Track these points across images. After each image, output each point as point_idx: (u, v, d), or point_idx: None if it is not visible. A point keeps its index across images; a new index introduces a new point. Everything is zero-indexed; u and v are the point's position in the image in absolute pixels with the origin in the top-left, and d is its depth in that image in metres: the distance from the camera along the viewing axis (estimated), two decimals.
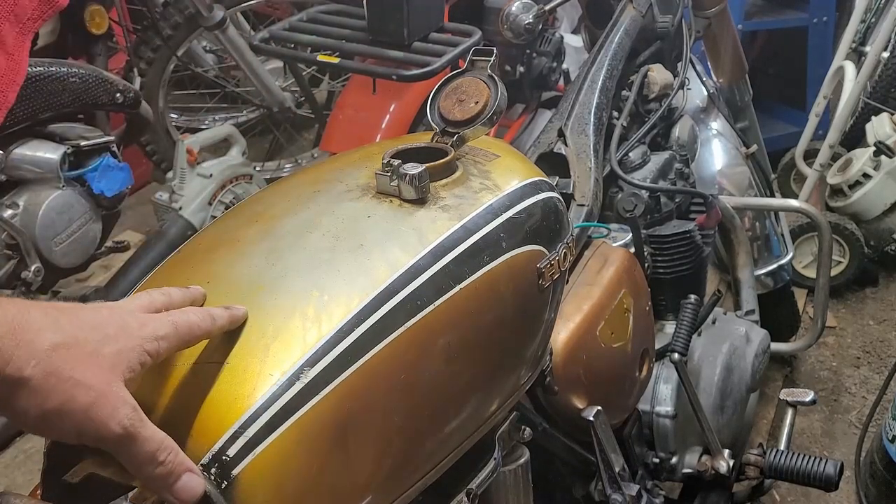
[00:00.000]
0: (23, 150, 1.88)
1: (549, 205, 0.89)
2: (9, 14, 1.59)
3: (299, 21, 1.67)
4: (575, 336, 1.06)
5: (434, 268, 0.75)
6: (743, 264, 1.76)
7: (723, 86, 2.14)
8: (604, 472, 1.11)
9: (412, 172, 0.79)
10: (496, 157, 0.91)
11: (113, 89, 1.95)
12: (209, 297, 0.71)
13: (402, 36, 1.55)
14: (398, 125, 1.98)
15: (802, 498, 1.96)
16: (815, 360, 2.43)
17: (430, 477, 0.78)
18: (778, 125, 3.20)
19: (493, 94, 0.89)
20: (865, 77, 2.60)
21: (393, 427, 0.72)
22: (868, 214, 2.61)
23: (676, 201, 1.47)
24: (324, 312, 0.68)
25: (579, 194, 1.28)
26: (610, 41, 1.50)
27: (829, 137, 2.66)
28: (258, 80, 2.77)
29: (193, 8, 2.49)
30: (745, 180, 2.08)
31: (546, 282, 0.86)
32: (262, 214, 0.81)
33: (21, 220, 1.90)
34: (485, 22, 1.86)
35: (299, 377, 0.65)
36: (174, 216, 2.35)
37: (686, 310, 1.32)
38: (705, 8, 1.86)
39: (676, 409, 1.32)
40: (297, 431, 0.64)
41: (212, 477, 0.61)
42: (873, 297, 2.69)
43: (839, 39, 2.86)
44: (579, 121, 1.37)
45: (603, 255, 1.19)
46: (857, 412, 2.24)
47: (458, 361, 0.76)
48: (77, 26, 2.18)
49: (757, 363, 1.53)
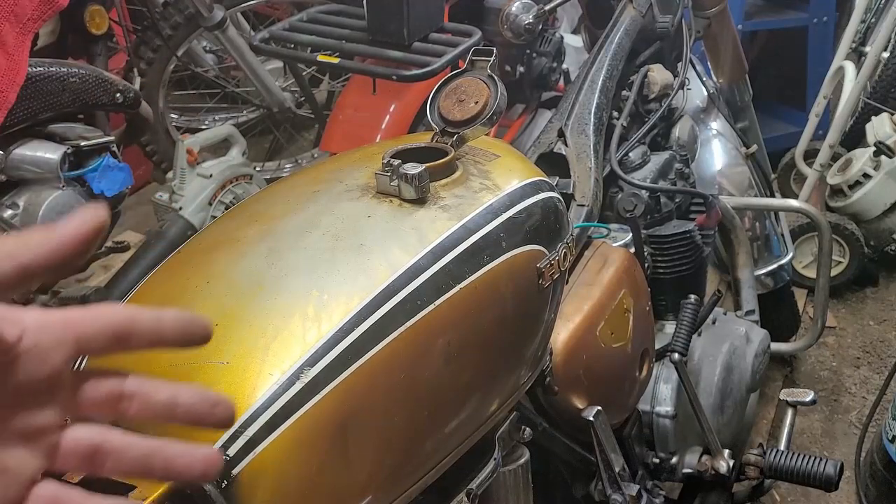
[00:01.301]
0: (23, 150, 1.88)
1: (549, 205, 0.89)
2: (9, 14, 1.59)
3: (299, 21, 1.67)
4: (575, 336, 1.06)
5: (434, 267, 0.75)
6: (743, 264, 1.76)
7: (723, 86, 2.14)
8: (604, 472, 1.11)
9: (412, 172, 0.79)
10: (496, 157, 0.92)
11: (113, 89, 1.95)
12: (209, 297, 0.71)
13: (402, 36, 1.55)
14: (398, 125, 1.98)
15: (802, 498, 1.96)
16: (815, 360, 2.43)
17: (430, 477, 0.78)
18: (778, 125, 3.20)
19: (493, 94, 0.90)
20: (865, 77, 2.60)
21: (393, 427, 0.72)
22: (868, 214, 2.61)
23: (676, 201, 1.47)
24: (324, 312, 0.69)
25: (579, 194, 1.28)
26: (610, 41, 1.50)
27: (829, 137, 2.66)
28: (258, 80, 2.77)
29: (193, 8, 2.49)
30: (745, 180, 2.08)
31: (546, 282, 0.86)
32: (262, 214, 0.81)
33: (21, 220, 1.90)
34: (485, 22, 1.86)
35: (299, 377, 0.65)
36: (174, 216, 2.35)
37: (686, 310, 1.32)
38: (705, 8, 1.86)
39: (676, 409, 1.32)
40: (297, 431, 0.64)
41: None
42: (873, 297, 2.69)
43: (839, 39, 2.86)
44: (579, 121, 1.37)
45: (603, 255, 1.19)
46: (857, 412, 2.24)
47: (458, 361, 0.76)
48: (77, 26, 2.18)
49: (757, 363, 1.53)
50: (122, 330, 0.46)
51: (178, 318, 0.48)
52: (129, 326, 0.46)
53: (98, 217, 0.45)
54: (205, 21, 2.50)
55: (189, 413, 0.48)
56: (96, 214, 0.45)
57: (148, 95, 2.53)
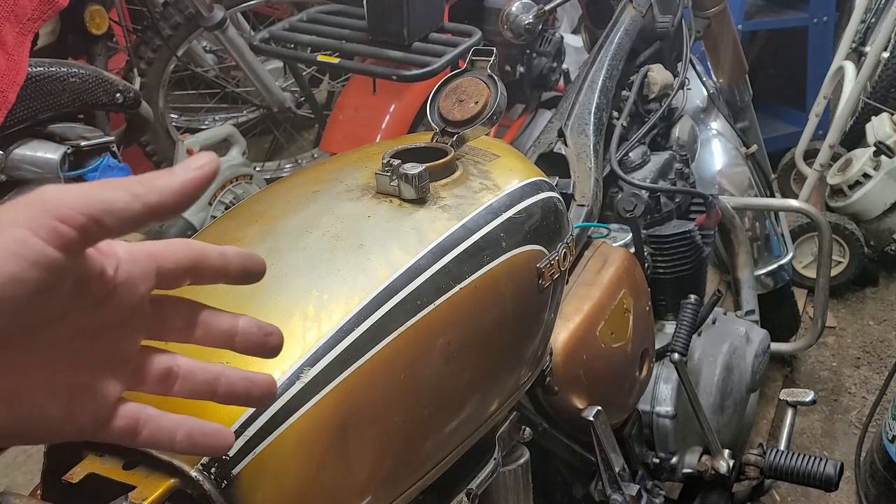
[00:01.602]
0: (23, 150, 1.88)
1: (549, 205, 0.89)
2: (9, 14, 1.59)
3: (299, 21, 1.67)
4: (575, 336, 1.06)
5: (434, 267, 0.75)
6: (743, 264, 1.76)
7: (723, 86, 2.14)
8: (604, 472, 1.11)
9: (412, 172, 0.79)
10: (496, 157, 0.91)
11: (113, 89, 1.95)
12: (209, 297, 0.71)
13: (402, 36, 1.55)
14: (398, 125, 1.98)
15: (802, 498, 1.96)
16: (815, 360, 2.43)
17: (430, 477, 0.78)
18: (778, 125, 3.20)
19: (493, 94, 0.90)
20: (865, 77, 2.60)
21: (393, 427, 0.72)
22: (868, 214, 2.61)
23: (676, 201, 1.47)
24: (324, 312, 0.69)
25: (579, 194, 1.28)
26: (610, 41, 1.50)
27: (829, 137, 2.66)
28: (258, 80, 2.77)
29: (193, 8, 2.49)
30: (745, 180, 2.08)
31: (546, 282, 0.86)
32: (262, 214, 0.81)
33: None
34: (485, 22, 1.86)
35: (299, 377, 0.65)
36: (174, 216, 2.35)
37: (686, 310, 1.32)
38: (705, 8, 1.86)
39: (676, 409, 1.32)
40: (297, 431, 0.64)
41: (212, 476, 0.61)
42: (873, 297, 2.69)
43: (839, 39, 2.86)
44: (579, 121, 1.37)
45: (603, 255, 1.19)
46: (857, 412, 2.24)
47: (458, 361, 0.76)
48: (77, 26, 2.18)
49: (757, 363, 1.53)
50: (195, 263, 0.50)
51: (239, 254, 0.52)
52: (201, 260, 0.50)
53: (213, 162, 0.48)
54: (205, 21, 2.50)
55: (246, 341, 0.52)
56: (211, 159, 0.48)
57: (148, 95, 2.53)
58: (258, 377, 0.52)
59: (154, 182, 0.46)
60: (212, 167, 0.48)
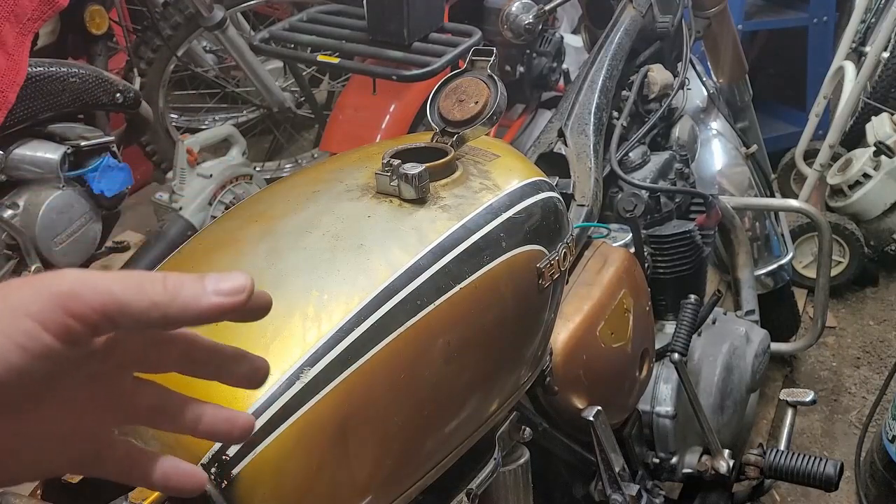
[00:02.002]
0: (23, 150, 1.88)
1: (548, 205, 0.89)
2: (9, 14, 1.59)
3: (299, 21, 1.67)
4: (575, 336, 1.06)
5: (434, 267, 0.75)
6: (743, 264, 1.76)
7: (723, 86, 2.14)
8: (604, 472, 1.11)
9: (412, 172, 0.79)
10: (496, 157, 0.91)
11: (113, 89, 1.95)
12: None
13: (402, 36, 1.55)
14: (398, 125, 1.98)
15: (802, 498, 1.96)
16: (815, 360, 2.43)
17: (430, 477, 0.78)
18: (778, 125, 3.20)
19: (493, 94, 0.89)
20: (865, 77, 2.60)
21: (393, 427, 0.72)
22: (868, 214, 2.61)
23: (676, 201, 1.47)
24: (324, 312, 0.68)
25: (579, 194, 1.28)
26: (610, 41, 1.50)
27: (829, 137, 2.66)
28: (258, 80, 2.77)
29: (193, 8, 2.49)
30: (745, 180, 2.08)
31: (546, 282, 0.86)
32: (262, 214, 0.81)
33: (21, 220, 1.90)
34: (485, 22, 1.86)
35: (299, 377, 0.65)
36: (174, 216, 2.35)
37: (686, 310, 1.32)
38: (705, 8, 1.86)
39: (676, 409, 1.32)
40: (297, 431, 0.64)
41: (212, 476, 0.61)
42: (873, 297, 2.69)
43: (839, 39, 2.86)
44: (579, 121, 1.37)
45: (603, 255, 1.19)
46: (857, 412, 2.24)
47: (458, 361, 0.76)
48: (77, 26, 2.18)
49: (757, 363, 1.53)
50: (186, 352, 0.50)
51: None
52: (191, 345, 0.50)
53: (247, 291, 0.46)
54: (205, 21, 2.50)
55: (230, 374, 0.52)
56: (247, 287, 0.46)
57: (148, 95, 2.53)
58: (239, 418, 0.51)
59: (180, 291, 0.44)
60: (244, 298, 0.45)
